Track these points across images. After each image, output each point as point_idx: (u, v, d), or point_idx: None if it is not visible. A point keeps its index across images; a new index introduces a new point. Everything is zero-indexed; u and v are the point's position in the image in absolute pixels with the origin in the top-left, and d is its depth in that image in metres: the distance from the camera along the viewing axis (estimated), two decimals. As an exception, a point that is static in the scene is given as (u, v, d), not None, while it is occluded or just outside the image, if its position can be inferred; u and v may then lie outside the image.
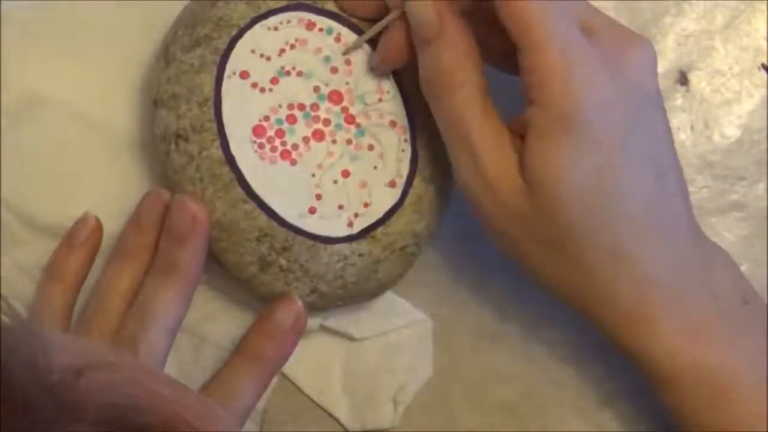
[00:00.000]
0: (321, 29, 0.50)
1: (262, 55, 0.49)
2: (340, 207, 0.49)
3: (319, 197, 0.49)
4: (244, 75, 0.49)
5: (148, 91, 0.50)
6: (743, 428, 0.47)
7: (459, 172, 0.47)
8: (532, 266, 0.48)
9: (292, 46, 0.50)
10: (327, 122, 0.50)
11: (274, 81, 0.49)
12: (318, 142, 0.49)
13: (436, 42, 0.46)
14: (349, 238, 0.49)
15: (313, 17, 0.50)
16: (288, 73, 0.49)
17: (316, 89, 0.50)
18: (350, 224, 0.49)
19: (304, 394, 0.53)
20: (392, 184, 0.50)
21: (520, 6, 0.44)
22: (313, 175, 0.49)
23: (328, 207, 0.49)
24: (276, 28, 0.50)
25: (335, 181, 0.49)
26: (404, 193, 0.50)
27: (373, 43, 0.50)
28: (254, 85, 0.49)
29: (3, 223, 0.51)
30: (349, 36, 0.50)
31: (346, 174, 0.49)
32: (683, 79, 0.57)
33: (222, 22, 0.49)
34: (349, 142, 0.50)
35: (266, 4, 0.50)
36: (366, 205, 0.50)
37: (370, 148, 0.50)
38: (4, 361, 0.31)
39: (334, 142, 0.49)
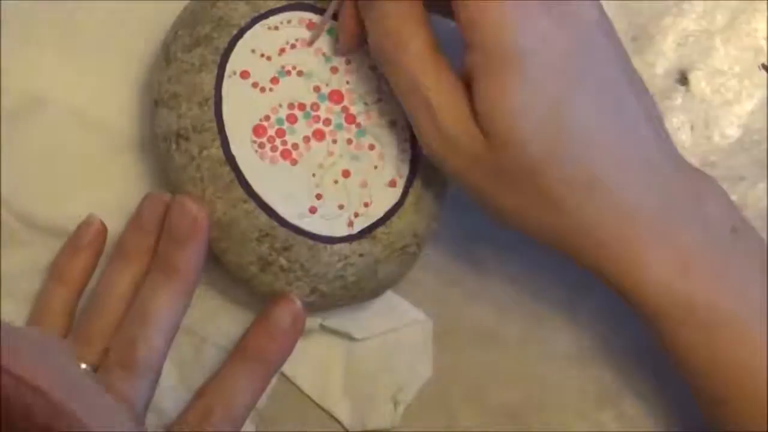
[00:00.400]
0: (321, 29, 0.50)
1: (262, 55, 0.49)
2: (341, 207, 0.49)
3: (319, 197, 0.49)
4: (245, 75, 0.49)
5: (149, 91, 0.50)
6: (739, 362, 0.46)
7: (419, 131, 0.46)
8: (506, 214, 0.47)
9: (293, 46, 0.50)
10: (327, 122, 0.50)
11: (274, 81, 0.49)
12: (318, 141, 0.49)
13: (380, 4, 0.45)
14: (349, 238, 0.49)
15: (314, 17, 0.50)
16: (288, 73, 0.49)
17: (317, 89, 0.50)
18: (350, 224, 0.49)
19: (304, 394, 0.53)
20: (393, 184, 0.50)
21: None
22: (314, 175, 0.49)
23: (328, 207, 0.49)
24: (276, 28, 0.50)
25: (336, 181, 0.49)
26: (405, 193, 0.50)
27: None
28: (255, 84, 0.49)
29: (3, 223, 0.51)
30: (349, 36, 0.50)
31: (346, 174, 0.49)
32: (683, 79, 0.57)
33: (222, 21, 0.49)
34: (349, 141, 0.50)
35: (266, 4, 0.50)
36: (366, 204, 0.50)
37: (371, 147, 0.50)
38: None
39: (334, 141, 0.49)
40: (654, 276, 0.46)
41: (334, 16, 0.50)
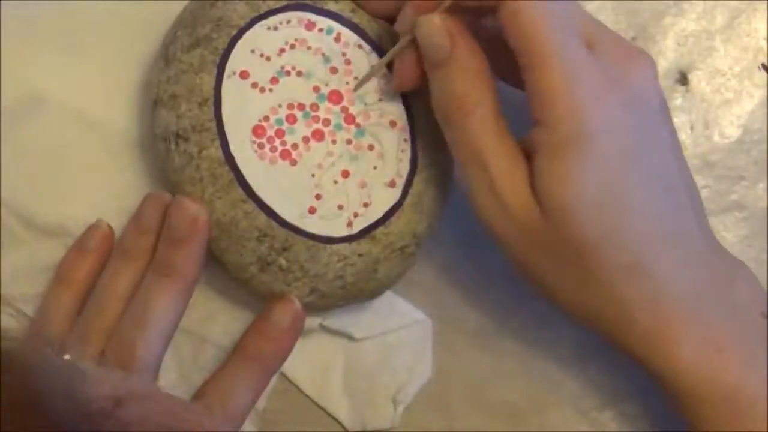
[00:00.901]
0: (321, 29, 0.50)
1: (261, 55, 0.49)
2: (340, 207, 0.49)
3: (318, 197, 0.49)
4: (244, 75, 0.49)
5: (148, 91, 0.50)
6: None
7: (474, 194, 0.47)
8: (547, 286, 0.47)
9: (292, 46, 0.50)
10: (327, 122, 0.50)
11: (273, 81, 0.49)
12: (318, 142, 0.49)
13: (448, 65, 0.46)
14: (348, 238, 0.49)
15: (313, 17, 0.50)
16: (288, 73, 0.49)
17: (316, 89, 0.50)
18: (350, 224, 0.49)
19: (304, 394, 0.53)
20: (392, 184, 0.50)
21: (524, 21, 0.44)
22: (313, 175, 0.49)
23: (327, 207, 0.49)
24: (276, 28, 0.50)
25: (335, 181, 0.49)
26: (404, 193, 0.50)
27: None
28: (254, 85, 0.49)
29: (3, 223, 0.51)
30: (349, 36, 0.50)
31: (345, 174, 0.49)
32: (683, 79, 0.57)
33: (222, 22, 0.49)
34: (348, 142, 0.50)
35: (266, 4, 0.50)
36: (366, 205, 0.50)
37: (370, 148, 0.50)
38: (43, 390, 0.31)
39: (333, 142, 0.49)
40: (686, 355, 0.46)
41: (333, 16, 0.50)
